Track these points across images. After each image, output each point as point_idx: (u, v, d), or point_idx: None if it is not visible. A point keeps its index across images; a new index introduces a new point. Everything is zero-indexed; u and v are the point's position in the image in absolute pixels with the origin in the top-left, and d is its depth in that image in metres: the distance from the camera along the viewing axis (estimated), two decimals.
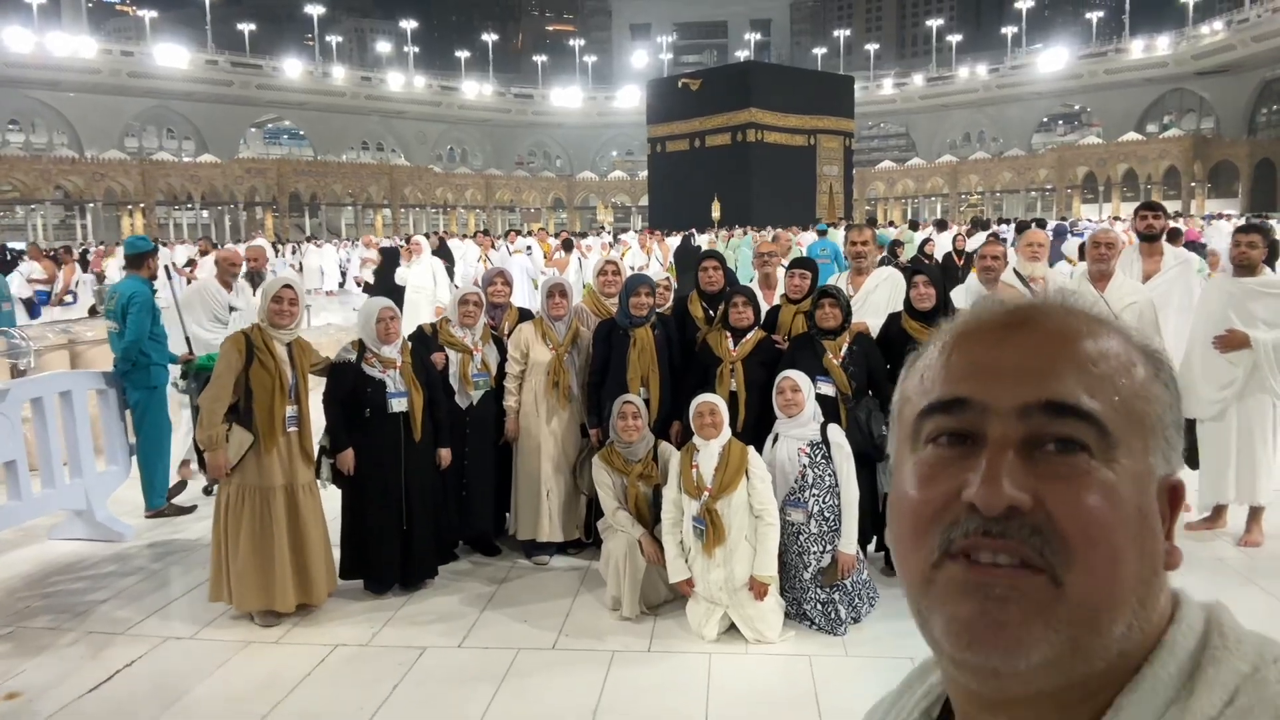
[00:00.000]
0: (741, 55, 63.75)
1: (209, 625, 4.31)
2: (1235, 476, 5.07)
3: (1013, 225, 17.11)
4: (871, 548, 4.79)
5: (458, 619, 4.33)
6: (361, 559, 4.55)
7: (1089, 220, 30.40)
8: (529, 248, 15.49)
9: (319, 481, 4.49)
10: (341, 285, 22.95)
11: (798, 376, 4.20)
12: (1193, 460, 5.10)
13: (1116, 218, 30.86)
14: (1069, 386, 0.59)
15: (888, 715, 0.74)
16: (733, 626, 4.06)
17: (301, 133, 57.57)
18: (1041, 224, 15.06)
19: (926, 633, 0.61)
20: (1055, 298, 0.65)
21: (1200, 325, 5.35)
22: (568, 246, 15.29)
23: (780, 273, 5.50)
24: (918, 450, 0.64)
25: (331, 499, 4.60)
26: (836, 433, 4.22)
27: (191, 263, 16.63)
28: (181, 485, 6.25)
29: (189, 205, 45.57)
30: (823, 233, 15.89)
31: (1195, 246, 13.47)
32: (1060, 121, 59.46)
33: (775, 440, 4.26)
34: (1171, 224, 14.05)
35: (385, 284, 11.83)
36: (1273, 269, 6.04)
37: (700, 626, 4.04)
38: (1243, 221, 20.61)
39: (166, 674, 3.85)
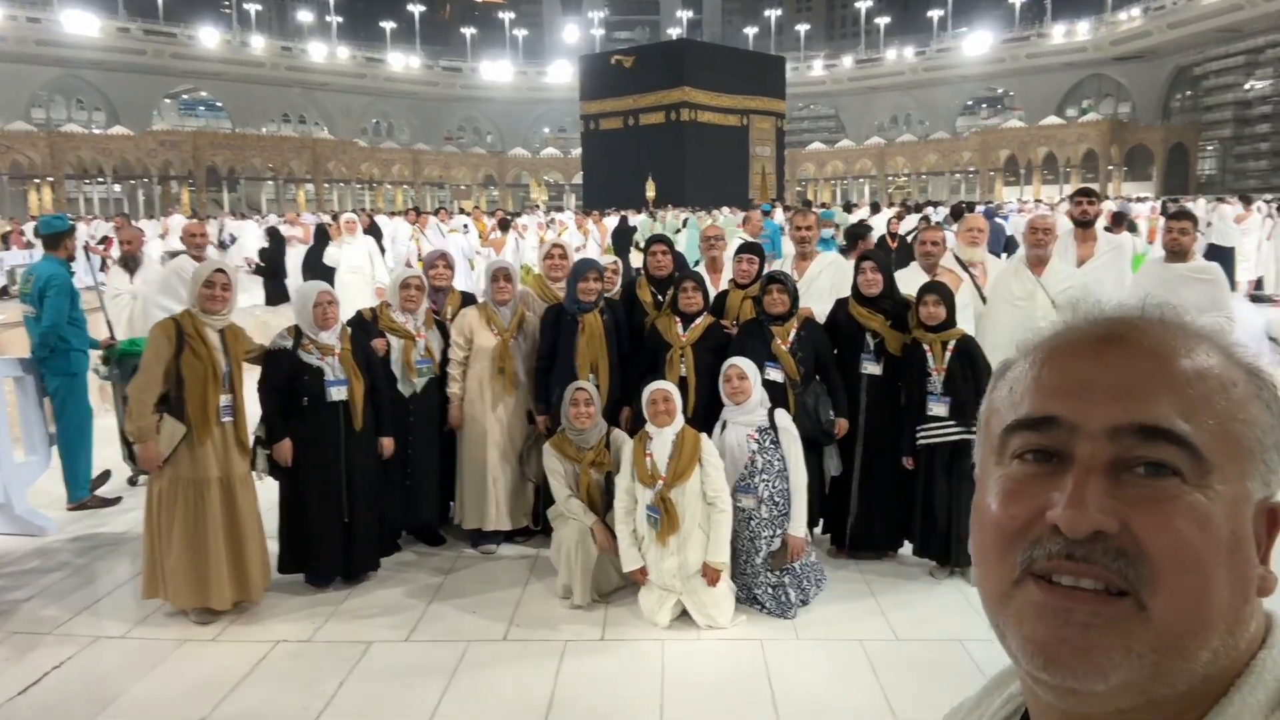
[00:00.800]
0: (674, 33, 63.45)
1: (141, 623, 4.14)
2: None
3: (948, 209, 17.44)
4: (818, 530, 4.83)
5: (404, 612, 4.23)
6: (301, 552, 4.41)
7: (1011, 203, 31.18)
8: (465, 226, 15.19)
9: (255, 473, 4.33)
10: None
11: (744, 364, 4.19)
12: None
13: (1038, 200, 31.71)
14: (1162, 409, 0.57)
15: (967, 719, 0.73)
16: (685, 613, 4.06)
17: (219, 104, 55.39)
18: (971, 207, 15.38)
19: (1005, 646, 0.61)
20: (1153, 311, 0.62)
21: None
22: (504, 226, 15.05)
23: (728, 257, 5.48)
24: (1003, 465, 0.63)
25: (267, 491, 4.45)
26: (784, 417, 4.23)
27: (106, 240, 15.91)
28: (105, 476, 5.97)
29: (100, 179, 43.52)
30: (766, 213, 15.98)
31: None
32: (984, 105, 60.67)
33: (724, 427, 4.25)
34: (1114, 210, 14.55)
35: (315, 265, 11.45)
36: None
37: (653, 614, 4.03)
38: (1158, 205, 21.36)
39: (99, 675, 3.69)
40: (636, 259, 14.09)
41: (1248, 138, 44.81)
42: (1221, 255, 11.58)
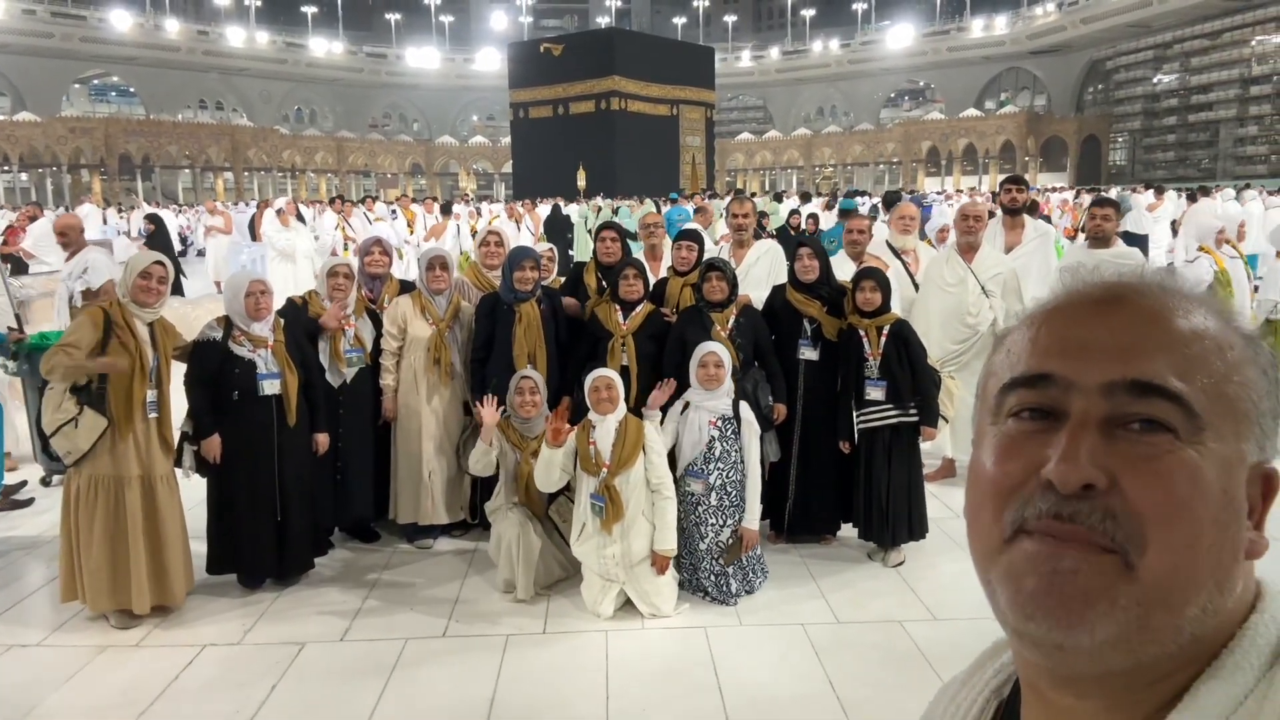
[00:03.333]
0: (603, 22, 63.13)
1: (59, 629, 3.94)
2: None
3: (879, 199, 17.75)
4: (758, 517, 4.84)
5: (338, 611, 4.11)
6: (231, 553, 4.24)
7: (932, 193, 31.86)
8: (394, 213, 14.87)
9: (181, 471, 4.15)
10: (183, 253, 21.43)
11: (721, 352, 4.18)
12: None
13: (958, 189, 32.48)
14: (1157, 366, 0.57)
15: (959, 694, 0.74)
16: (628, 602, 4.03)
17: (132, 90, 53.19)
18: (898, 196, 15.68)
19: (994, 604, 0.61)
20: (1153, 276, 0.62)
21: None
22: (446, 211, 14.80)
23: (667, 244, 5.45)
24: (999, 424, 0.63)
25: (195, 489, 4.27)
26: (747, 410, 4.23)
27: (10, 229, 15.14)
28: (20, 485, 5.66)
29: (6, 168, 41.46)
30: (674, 200, 16.90)
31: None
32: (906, 97, 61.79)
33: (685, 409, 4.22)
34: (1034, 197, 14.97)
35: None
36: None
37: (596, 605, 3.98)
38: (1072, 195, 22.06)
39: (13, 685, 3.50)
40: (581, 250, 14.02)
41: (1156, 130, 46.59)
42: (1136, 243, 11.99)
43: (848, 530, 4.77)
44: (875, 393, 4.44)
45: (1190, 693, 0.57)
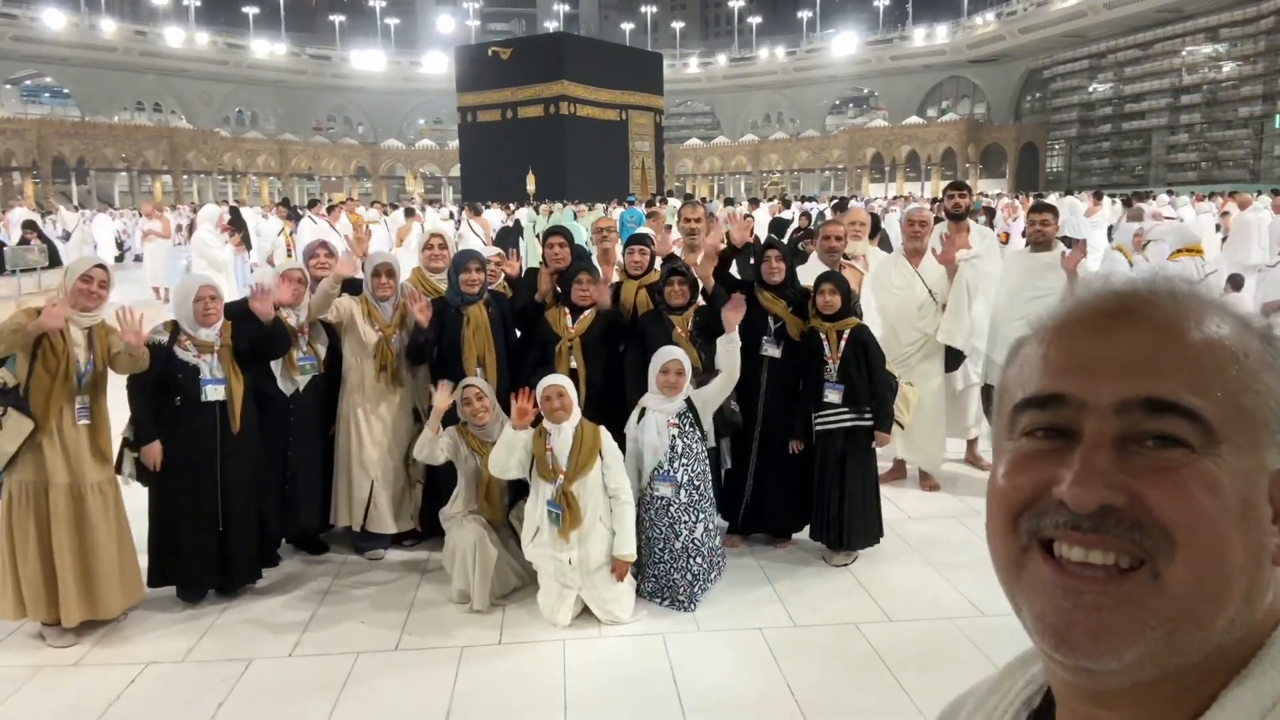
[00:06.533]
0: (550, 26, 63.02)
1: None
2: None
3: (830, 204, 17.98)
4: (719, 519, 4.83)
5: (286, 625, 4.00)
6: (173, 564, 4.11)
7: (878, 198, 32.34)
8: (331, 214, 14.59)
9: (121, 478, 4.01)
10: (119, 258, 20.83)
11: (684, 359, 4.16)
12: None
13: (900, 195, 33.03)
14: (1170, 383, 0.56)
15: (986, 701, 0.73)
16: (585, 610, 3.99)
17: (66, 90, 51.62)
18: (845, 204, 15.88)
19: (1021, 620, 0.60)
20: (1163, 284, 0.61)
21: (1003, 297, 5.76)
22: (409, 214, 14.68)
23: (619, 249, 5.42)
24: (1014, 440, 0.63)
25: (137, 498, 4.13)
26: (695, 395, 4.23)
27: None
28: None
29: None
30: (630, 203, 17.28)
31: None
32: (851, 104, 62.63)
33: (642, 415, 4.20)
34: (986, 203, 15.24)
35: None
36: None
37: (553, 614, 3.94)
38: (1012, 201, 22.55)
39: None
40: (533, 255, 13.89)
41: (1091, 137, 47.91)
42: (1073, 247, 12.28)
43: (802, 532, 4.79)
44: (833, 395, 4.47)
45: (1219, 700, 0.56)
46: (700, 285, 4.64)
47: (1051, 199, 21.14)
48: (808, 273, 5.03)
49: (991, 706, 0.72)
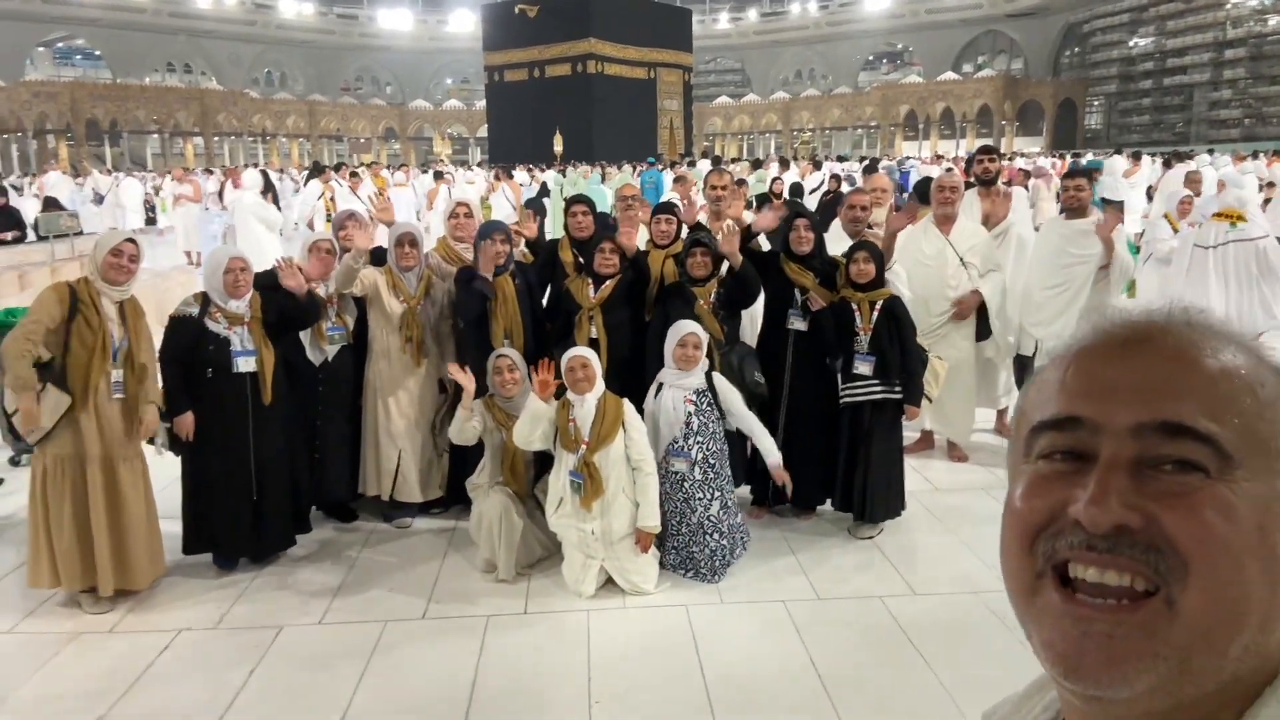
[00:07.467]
0: None
1: (30, 616, 3.87)
2: None
3: (861, 166, 17.66)
4: (744, 491, 4.84)
5: (316, 593, 4.07)
6: (206, 532, 4.18)
7: (911, 158, 31.79)
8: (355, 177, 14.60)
9: (154, 449, 4.07)
10: (150, 221, 20.97)
11: (700, 332, 4.13)
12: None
13: (938, 155, 32.43)
14: (1186, 407, 0.57)
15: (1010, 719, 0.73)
16: (609, 580, 4.02)
17: (97, 53, 51.90)
18: (875, 165, 15.62)
19: (1032, 645, 0.61)
20: (1179, 314, 0.62)
21: (1038, 265, 5.66)
22: (438, 176, 14.70)
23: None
24: (1030, 464, 0.63)
25: (168, 468, 4.20)
26: (719, 379, 4.20)
27: None
28: None
29: None
30: (651, 164, 16.88)
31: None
32: (884, 60, 61.46)
33: (659, 390, 4.18)
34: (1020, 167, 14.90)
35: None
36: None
37: (577, 584, 3.97)
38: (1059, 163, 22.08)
39: None
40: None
41: (1131, 93, 46.72)
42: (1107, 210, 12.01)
43: (826, 504, 4.78)
44: (863, 367, 4.42)
45: None
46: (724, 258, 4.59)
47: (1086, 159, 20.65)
48: (829, 243, 4.93)
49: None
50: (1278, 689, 0.56)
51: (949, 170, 9.67)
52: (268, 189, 13.81)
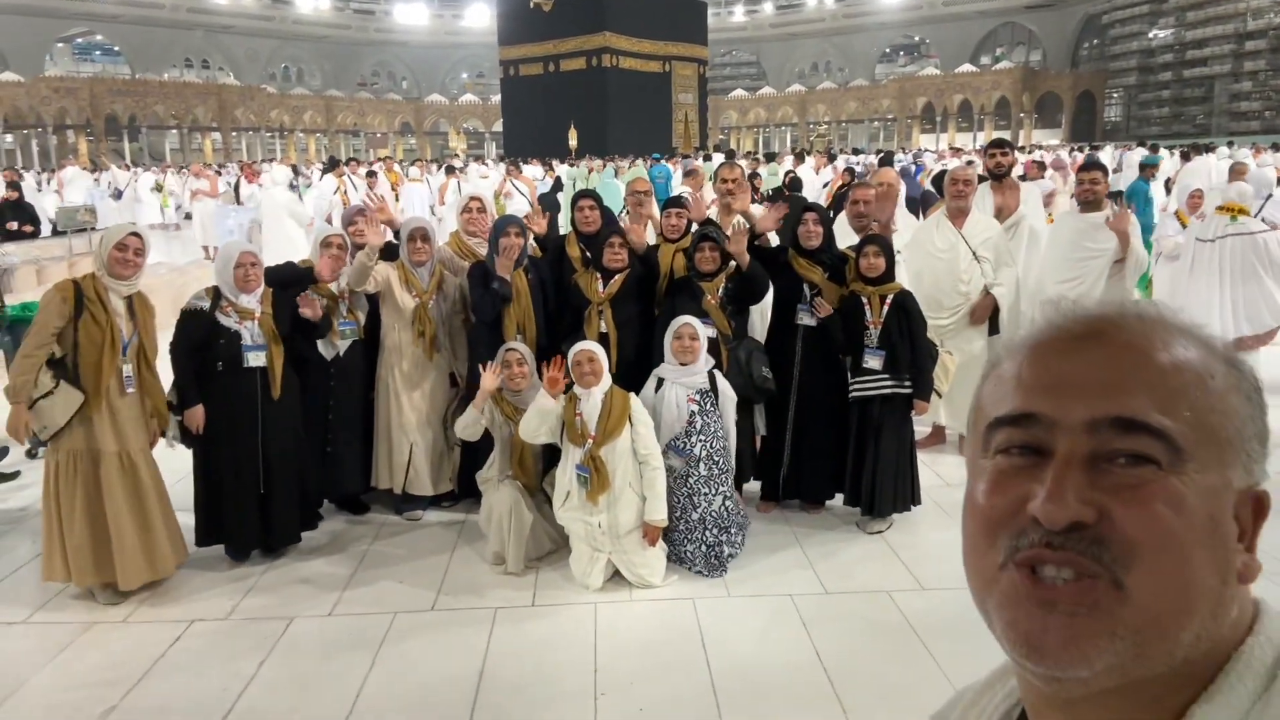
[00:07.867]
0: None
1: (43, 607, 3.92)
2: None
3: (876, 159, 17.54)
4: (754, 485, 4.84)
5: (327, 584, 4.10)
6: (218, 524, 4.23)
7: (928, 151, 31.60)
8: (374, 175, 14.66)
9: (166, 441, 4.12)
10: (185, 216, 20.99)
11: (698, 325, 4.13)
12: None
13: (954, 148, 32.23)
14: (1139, 402, 0.58)
15: (976, 703, 0.75)
16: (617, 573, 4.03)
17: (116, 49, 52.33)
18: (890, 158, 15.52)
19: (992, 631, 0.62)
20: (1132, 309, 0.63)
21: (1051, 258, 5.62)
22: (449, 171, 14.82)
23: (655, 210, 5.38)
24: (989, 458, 0.64)
25: (180, 460, 4.24)
26: (724, 382, 4.20)
27: None
28: (3, 452, 5.62)
29: None
30: (658, 160, 17.44)
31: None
32: (901, 52, 61.08)
33: (660, 385, 4.19)
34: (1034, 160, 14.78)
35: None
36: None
37: (585, 577, 3.98)
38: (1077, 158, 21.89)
39: None
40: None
41: (1151, 85, 46.22)
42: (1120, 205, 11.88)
43: (836, 499, 4.77)
44: (873, 361, 4.41)
45: (1186, 717, 0.57)
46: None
47: (1106, 152, 20.45)
48: (836, 238, 4.90)
49: (980, 709, 0.74)
50: (1229, 674, 0.58)
51: (969, 163, 9.60)
52: (292, 185, 13.93)
